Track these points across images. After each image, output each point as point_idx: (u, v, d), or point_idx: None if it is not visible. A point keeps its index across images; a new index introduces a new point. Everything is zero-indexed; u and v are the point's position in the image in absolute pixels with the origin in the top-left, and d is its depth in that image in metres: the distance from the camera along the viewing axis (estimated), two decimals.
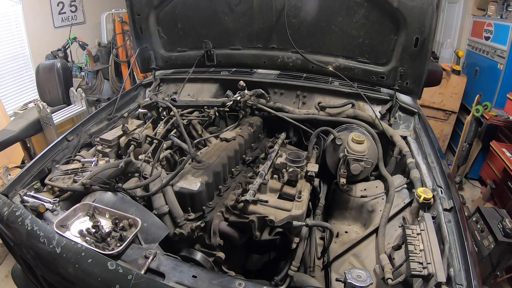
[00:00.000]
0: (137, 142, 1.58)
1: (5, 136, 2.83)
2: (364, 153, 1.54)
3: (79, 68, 4.98)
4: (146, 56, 2.32)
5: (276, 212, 1.23)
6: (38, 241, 1.06)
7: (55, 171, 1.43)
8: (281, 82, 2.08)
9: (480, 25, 4.36)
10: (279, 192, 1.35)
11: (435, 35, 1.73)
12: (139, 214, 1.17)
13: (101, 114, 1.97)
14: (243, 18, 2.10)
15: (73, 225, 1.14)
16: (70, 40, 4.65)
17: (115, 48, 5.11)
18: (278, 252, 1.49)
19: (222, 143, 1.63)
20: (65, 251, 1.01)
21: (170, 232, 1.21)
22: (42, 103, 2.91)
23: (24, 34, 4.41)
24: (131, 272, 0.92)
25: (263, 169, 1.42)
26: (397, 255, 1.19)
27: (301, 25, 1.99)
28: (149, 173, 1.38)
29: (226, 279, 0.96)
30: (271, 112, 1.90)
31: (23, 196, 1.28)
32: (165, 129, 1.74)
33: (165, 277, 0.93)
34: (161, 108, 1.88)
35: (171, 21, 2.23)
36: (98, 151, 1.65)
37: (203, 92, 2.20)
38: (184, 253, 1.22)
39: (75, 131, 1.78)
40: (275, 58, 2.17)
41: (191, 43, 2.28)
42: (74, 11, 5.07)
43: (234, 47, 2.23)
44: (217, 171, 1.41)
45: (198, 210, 1.31)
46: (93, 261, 0.97)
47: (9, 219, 1.17)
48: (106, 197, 1.25)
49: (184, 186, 1.30)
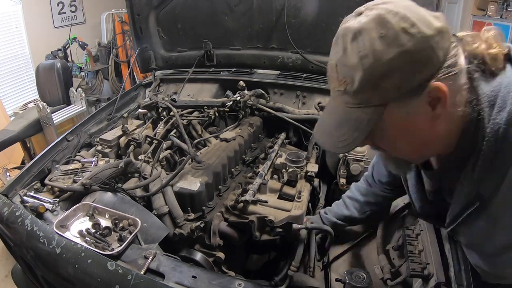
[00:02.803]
0: (137, 142, 1.58)
1: (5, 136, 2.83)
2: (364, 153, 1.54)
3: (79, 68, 4.98)
4: (146, 56, 2.32)
5: (276, 212, 1.23)
6: (38, 242, 1.06)
7: (55, 171, 1.43)
8: (281, 82, 2.08)
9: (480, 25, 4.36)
10: (279, 192, 1.35)
11: None
12: (139, 215, 1.17)
13: (101, 114, 1.97)
14: (243, 18, 2.10)
15: (73, 225, 1.14)
16: (70, 40, 4.65)
17: (115, 48, 5.10)
18: (278, 252, 1.49)
19: (222, 143, 1.63)
20: (65, 251, 1.01)
21: (170, 232, 1.21)
22: (42, 103, 2.91)
23: (24, 34, 4.41)
24: (131, 272, 0.92)
25: (263, 169, 1.42)
26: (397, 256, 1.19)
27: (301, 25, 1.99)
28: (149, 174, 1.38)
29: (226, 279, 0.96)
30: (271, 112, 1.90)
31: (23, 196, 1.28)
32: (165, 129, 1.74)
33: (165, 278, 0.93)
34: (161, 108, 1.88)
35: (171, 21, 2.23)
36: (98, 151, 1.65)
37: (203, 92, 2.20)
38: (183, 253, 1.22)
39: (75, 131, 1.78)
40: (275, 58, 2.17)
41: (191, 43, 2.28)
42: (74, 11, 5.06)
43: (234, 47, 2.23)
44: (217, 171, 1.41)
45: (198, 210, 1.31)
46: (93, 262, 0.97)
47: (9, 219, 1.17)
48: (106, 197, 1.25)
49: (184, 187, 1.30)
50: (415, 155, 0.75)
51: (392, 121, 0.65)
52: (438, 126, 0.66)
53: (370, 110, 0.64)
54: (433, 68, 0.61)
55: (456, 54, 0.64)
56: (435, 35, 0.60)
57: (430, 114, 0.64)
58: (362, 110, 0.64)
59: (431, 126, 0.66)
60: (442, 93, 0.61)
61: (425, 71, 0.61)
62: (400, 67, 0.59)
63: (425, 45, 0.59)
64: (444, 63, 0.62)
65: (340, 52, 0.64)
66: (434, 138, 0.69)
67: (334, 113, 0.71)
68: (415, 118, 0.65)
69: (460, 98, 0.65)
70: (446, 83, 0.62)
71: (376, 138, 0.70)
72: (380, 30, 0.59)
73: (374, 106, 0.63)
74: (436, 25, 0.60)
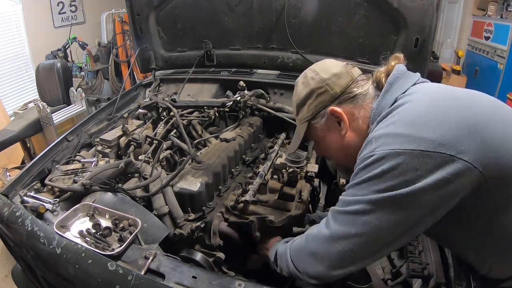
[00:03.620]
0: (137, 142, 1.58)
1: (5, 136, 2.83)
2: None
3: (79, 68, 4.98)
4: (146, 56, 2.32)
5: (276, 213, 1.23)
6: (38, 242, 1.06)
7: (55, 172, 1.43)
8: (281, 82, 2.08)
9: (480, 25, 4.36)
10: (279, 192, 1.35)
11: (435, 35, 1.73)
12: (139, 215, 1.17)
13: (101, 114, 1.97)
14: (243, 18, 2.10)
15: (73, 225, 1.14)
16: (70, 40, 4.65)
17: (115, 48, 5.10)
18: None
19: (222, 144, 1.63)
20: (65, 251, 1.01)
21: (170, 232, 1.21)
22: (42, 103, 2.91)
23: (24, 34, 4.41)
24: (131, 272, 0.92)
25: (263, 169, 1.42)
26: (397, 256, 1.19)
27: (301, 25, 1.99)
28: (149, 174, 1.38)
29: (226, 279, 0.96)
30: (271, 112, 1.90)
31: (23, 196, 1.28)
32: (165, 129, 1.73)
33: (165, 278, 0.93)
34: (161, 108, 1.88)
35: (171, 21, 2.23)
36: (98, 151, 1.65)
37: (203, 92, 2.20)
38: (184, 254, 1.22)
39: (75, 131, 1.77)
40: (275, 58, 2.17)
41: (191, 43, 2.28)
42: (74, 11, 5.07)
43: (234, 47, 2.23)
44: (217, 172, 1.41)
45: (198, 210, 1.31)
46: (93, 262, 0.97)
47: (9, 220, 1.17)
48: (106, 197, 1.25)
49: (184, 187, 1.30)
50: (343, 159, 1.00)
51: (317, 133, 1.00)
52: (349, 137, 0.93)
53: (303, 125, 1.01)
54: (330, 97, 0.93)
55: (361, 84, 0.93)
56: (331, 77, 0.94)
57: (338, 129, 0.94)
58: (300, 126, 1.03)
59: (342, 138, 0.94)
60: (338, 113, 0.91)
61: (324, 100, 0.94)
62: (309, 98, 0.97)
63: (322, 84, 0.94)
64: (341, 93, 0.92)
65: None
66: (348, 146, 0.93)
67: (295, 130, 1.09)
68: (330, 132, 0.97)
69: (364, 114, 0.91)
70: (343, 106, 0.92)
71: (317, 146, 1.08)
72: (302, 80, 1.01)
73: (303, 123, 1.00)
74: (333, 71, 0.94)
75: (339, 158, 1.04)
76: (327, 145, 1.01)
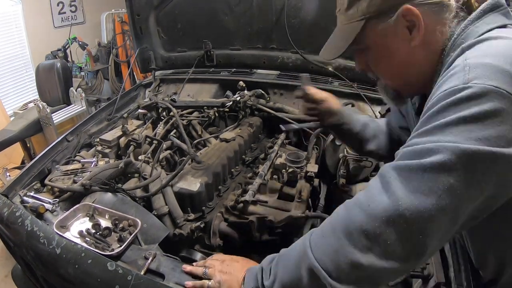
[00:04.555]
0: (136, 142, 1.58)
1: (5, 136, 2.83)
2: None
3: (79, 68, 4.98)
4: (146, 56, 2.32)
5: (275, 213, 1.23)
6: (38, 242, 1.06)
7: (55, 172, 1.43)
8: (281, 82, 2.08)
9: None
10: (279, 193, 1.35)
11: None
12: (139, 215, 1.17)
13: (101, 115, 1.97)
14: (243, 18, 2.10)
15: (73, 225, 1.14)
16: (70, 40, 4.64)
17: (115, 48, 5.10)
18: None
19: (222, 144, 1.63)
20: (65, 251, 1.01)
21: (170, 232, 1.21)
22: (42, 103, 2.91)
23: (24, 34, 4.41)
24: (130, 272, 0.92)
25: (263, 169, 1.42)
26: None
27: (301, 25, 1.99)
28: (148, 174, 1.38)
29: None
30: (271, 112, 1.90)
31: (23, 196, 1.28)
32: (165, 129, 1.74)
33: (165, 278, 0.93)
34: (161, 108, 1.88)
35: (171, 21, 2.23)
36: (98, 151, 1.65)
37: (203, 92, 2.20)
38: (183, 254, 1.22)
39: (75, 131, 1.77)
40: (275, 58, 2.16)
41: (191, 43, 2.28)
42: (74, 11, 5.06)
43: (234, 47, 2.23)
44: (217, 172, 1.41)
45: (197, 210, 1.31)
46: (93, 262, 0.97)
47: (9, 220, 1.17)
48: (106, 197, 1.25)
49: (184, 187, 1.30)
50: (398, 80, 0.80)
51: (373, 37, 0.74)
52: (416, 52, 0.71)
53: (355, 24, 0.74)
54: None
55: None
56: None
57: (407, 38, 0.70)
58: (349, 25, 0.76)
59: (409, 50, 0.71)
60: (414, 16, 0.67)
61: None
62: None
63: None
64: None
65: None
66: (413, 63, 0.73)
67: (334, 32, 0.87)
68: (393, 39, 0.72)
69: (442, 30, 0.69)
70: (422, 9, 0.67)
71: (363, 58, 0.81)
72: None
73: (357, 21, 0.73)
74: None
75: (393, 76, 0.80)
76: (382, 56, 0.76)
